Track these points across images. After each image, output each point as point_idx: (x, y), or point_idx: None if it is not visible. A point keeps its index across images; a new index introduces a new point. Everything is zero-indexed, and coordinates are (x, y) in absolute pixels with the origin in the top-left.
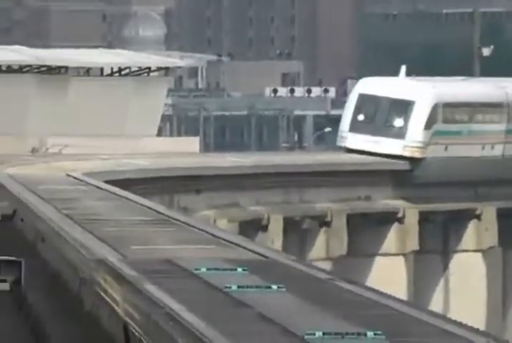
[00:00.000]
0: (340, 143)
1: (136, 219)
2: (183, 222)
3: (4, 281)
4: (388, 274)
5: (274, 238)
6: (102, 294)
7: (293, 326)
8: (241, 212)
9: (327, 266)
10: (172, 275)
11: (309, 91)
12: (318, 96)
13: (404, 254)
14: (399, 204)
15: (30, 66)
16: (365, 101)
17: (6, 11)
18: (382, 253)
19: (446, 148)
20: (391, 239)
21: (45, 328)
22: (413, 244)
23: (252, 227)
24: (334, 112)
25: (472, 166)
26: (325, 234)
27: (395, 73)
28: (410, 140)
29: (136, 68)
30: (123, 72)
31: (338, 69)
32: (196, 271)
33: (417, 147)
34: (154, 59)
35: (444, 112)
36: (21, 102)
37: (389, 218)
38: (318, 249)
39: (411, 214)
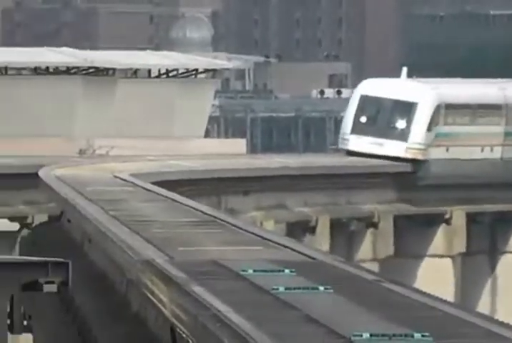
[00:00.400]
0: (342, 145)
1: (183, 220)
2: (230, 223)
3: (52, 282)
4: (435, 276)
5: (321, 239)
6: (149, 295)
7: (340, 328)
8: (288, 214)
9: (374, 267)
10: (219, 276)
11: None
12: None
13: (451, 256)
14: (445, 205)
15: (78, 67)
16: (367, 102)
17: (54, 13)
18: (430, 254)
19: (448, 150)
20: (438, 240)
21: (92, 329)
22: (460, 246)
23: (299, 229)
24: None
25: (474, 168)
26: (371, 235)
27: (441, 74)
28: (413, 142)
29: (184, 70)
30: (170, 74)
31: (385, 71)
32: (243, 273)
33: (419, 149)
34: (201, 61)
35: (446, 114)
36: (69, 104)
37: (436, 219)
38: (365, 250)
39: (458, 216)
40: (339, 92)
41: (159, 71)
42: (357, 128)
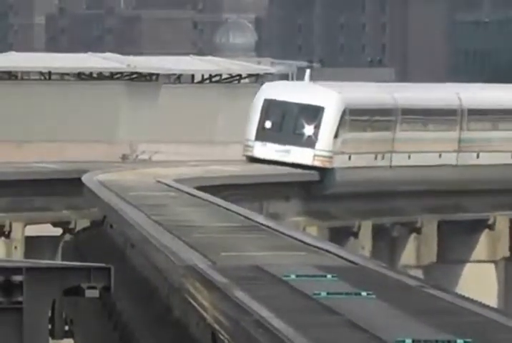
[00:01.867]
0: (246, 152)
1: (225, 225)
2: (272, 228)
3: (94, 288)
4: (479, 281)
5: (364, 245)
6: (191, 300)
7: (382, 333)
8: (331, 219)
9: (417, 272)
10: (261, 282)
11: None
12: None
13: (495, 261)
14: (490, 210)
15: (121, 73)
16: (271, 107)
17: (98, 19)
18: (473, 260)
19: (353, 158)
20: (482, 245)
21: (133, 334)
22: (504, 251)
23: (342, 234)
24: None
25: (381, 176)
26: (415, 240)
27: (486, 80)
28: (321, 149)
29: (227, 75)
30: (213, 79)
31: (429, 76)
32: (285, 278)
33: (327, 156)
34: (244, 66)
35: (353, 119)
36: (112, 109)
37: (479, 225)
38: (408, 255)
39: (502, 221)
40: None
41: (203, 76)
42: (262, 135)
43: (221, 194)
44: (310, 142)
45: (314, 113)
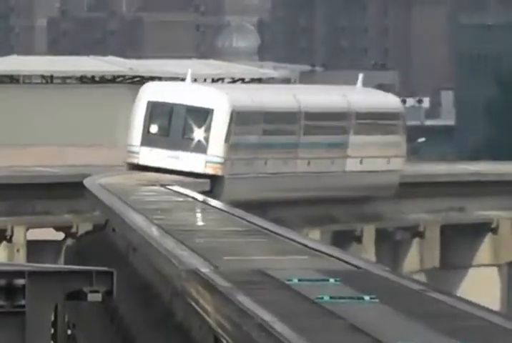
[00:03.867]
0: (130, 159)
1: (228, 229)
2: (275, 233)
3: (96, 291)
4: (481, 285)
5: (367, 249)
6: (193, 304)
7: (385, 337)
8: (334, 223)
9: (420, 276)
10: (264, 286)
11: (403, 102)
12: (412, 107)
13: (498, 265)
14: (492, 214)
15: (123, 76)
16: (156, 109)
17: (100, 22)
18: (476, 264)
19: (247, 164)
20: (485, 249)
21: (136, 338)
22: (507, 255)
23: (346, 238)
24: (428, 123)
25: (274, 183)
26: (418, 244)
27: (490, 83)
28: (212, 154)
29: (230, 79)
30: (216, 83)
31: (432, 80)
32: (288, 282)
33: (219, 163)
34: (247, 70)
35: (242, 122)
36: (114, 112)
37: (483, 229)
38: (411, 259)
39: (505, 225)
40: None
41: (205, 80)
42: (148, 140)
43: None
44: (201, 147)
45: (203, 115)
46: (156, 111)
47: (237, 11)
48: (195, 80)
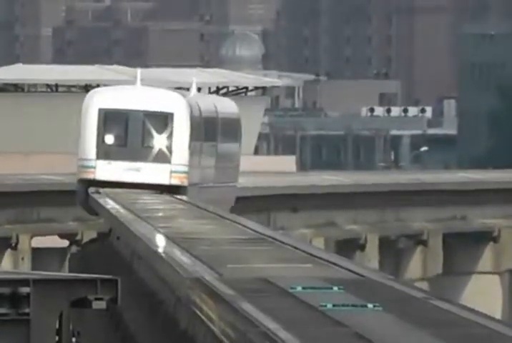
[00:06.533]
0: (84, 175)
1: (232, 237)
2: (279, 241)
3: (101, 299)
4: (484, 293)
5: (370, 257)
6: (198, 312)
7: None
8: (337, 231)
9: (422, 284)
10: (268, 294)
11: (405, 111)
12: (415, 116)
13: (499, 273)
14: (494, 223)
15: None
16: (109, 118)
17: (105, 32)
18: (478, 271)
19: (204, 172)
20: (486, 257)
21: None
22: (509, 263)
23: (349, 246)
24: (431, 131)
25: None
26: (421, 253)
27: (492, 92)
28: (178, 163)
29: (234, 88)
30: (220, 91)
31: (435, 89)
32: (291, 290)
33: (185, 172)
34: (251, 79)
35: (201, 127)
36: None
37: (484, 237)
38: (414, 267)
39: (506, 233)
40: (388, 110)
41: (209, 88)
42: (104, 152)
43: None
44: (164, 156)
45: (162, 121)
46: (110, 119)
47: (242, 20)
48: (199, 89)
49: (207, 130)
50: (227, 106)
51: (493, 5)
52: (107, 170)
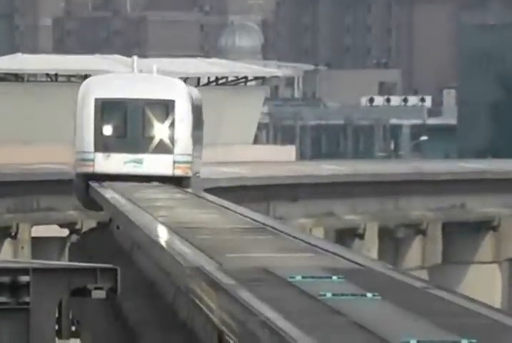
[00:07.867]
0: (83, 168)
1: (232, 227)
2: (279, 230)
3: (100, 288)
4: (483, 282)
5: (369, 246)
6: (197, 302)
7: (388, 335)
8: (337, 221)
9: (422, 273)
10: (267, 283)
11: (405, 100)
12: (414, 105)
13: (499, 262)
14: (494, 212)
15: None
16: (106, 108)
17: (104, 21)
18: (477, 261)
19: (198, 162)
20: (486, 247)
21: (140, 336)
22: (508, 252)
23: (348, 235)
24: (430, 121)
25: None
26: (420, 242)
27: (492, 82)
28: (181, 153)
29: (233, 78)
30: (220, 81)
31: (435, 78)
32: (291, 279)
33: (189, 162)
34: (251, 69)
35: (195, 116)
36: None
37: (484, 226)
38: (413, 256)
39: (506, 222)
40: (388, 100)
41: (209, 78)
42: (103, 144)
43: (227, 195)
44: (166, 147)
45: (163, 109)
46: (107, 109)
47: (241, 10)
48: (199, 79)
49: (196, 118)
50: (197, 93)
51: None
52: (106, 163)
